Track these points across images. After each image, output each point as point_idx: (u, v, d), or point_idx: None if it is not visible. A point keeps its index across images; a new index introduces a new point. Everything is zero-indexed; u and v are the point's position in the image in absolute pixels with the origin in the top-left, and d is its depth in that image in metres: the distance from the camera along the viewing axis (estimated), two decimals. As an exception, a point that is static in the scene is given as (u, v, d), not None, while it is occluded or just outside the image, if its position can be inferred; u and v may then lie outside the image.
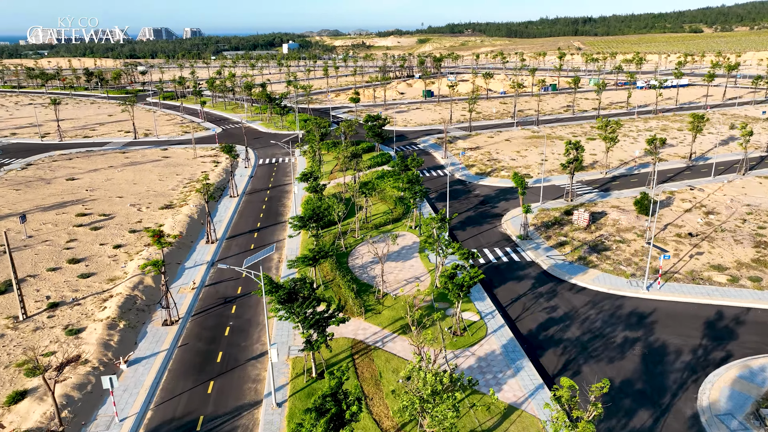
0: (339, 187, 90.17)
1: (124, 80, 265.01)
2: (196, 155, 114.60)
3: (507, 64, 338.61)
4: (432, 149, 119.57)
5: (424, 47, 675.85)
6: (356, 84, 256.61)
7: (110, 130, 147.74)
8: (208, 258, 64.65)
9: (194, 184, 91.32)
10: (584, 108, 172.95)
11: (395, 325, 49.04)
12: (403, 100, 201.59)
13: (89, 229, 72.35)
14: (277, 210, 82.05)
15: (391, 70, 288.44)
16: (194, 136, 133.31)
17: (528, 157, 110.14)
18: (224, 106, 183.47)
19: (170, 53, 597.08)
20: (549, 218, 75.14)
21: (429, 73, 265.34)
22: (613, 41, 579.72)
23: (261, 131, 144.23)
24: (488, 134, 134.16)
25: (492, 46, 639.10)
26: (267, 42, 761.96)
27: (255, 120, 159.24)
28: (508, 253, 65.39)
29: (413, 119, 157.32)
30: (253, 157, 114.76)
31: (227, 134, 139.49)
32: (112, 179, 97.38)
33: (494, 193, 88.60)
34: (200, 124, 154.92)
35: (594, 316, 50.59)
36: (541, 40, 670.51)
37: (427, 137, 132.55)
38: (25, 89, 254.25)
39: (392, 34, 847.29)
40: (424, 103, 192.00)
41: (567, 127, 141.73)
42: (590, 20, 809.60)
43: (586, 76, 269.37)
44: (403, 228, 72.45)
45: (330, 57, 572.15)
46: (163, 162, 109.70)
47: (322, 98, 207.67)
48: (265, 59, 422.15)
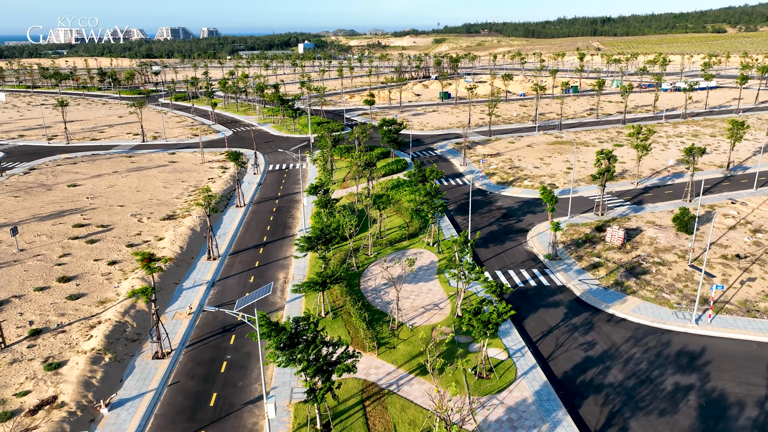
0: (351, 197, 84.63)
1: (139, 80, 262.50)
2: (203, 160, 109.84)
3: (525, 65, 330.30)
4: (450, 155, 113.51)
5: (440, 47, 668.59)
6: (371, 85, 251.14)
7: (119, 132, 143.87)
8: (208, 277, 59.47)
9: (199, 192, 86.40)
10: (608, 111, 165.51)
11: (412, 363, 43.34)
12: (420, 102, 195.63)
13: (85, 242, 67.65)
14: (285, 222, 76.71)
15: (406, 71, 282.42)
16: (202, 139, 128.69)
17: (552, 164, 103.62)
18: (236, 108, 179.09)
19: (186, 53, 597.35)
20: (579, 235, 68.84)
21: (446, 74, 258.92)
22: (634, 42, 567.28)
23: (272, 134, 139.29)
24: (509, 139, 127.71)
25: (509, 46, 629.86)
26: (283, 42, 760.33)
27: (267, 122, 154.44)
28: (535, 275, 59.29)
29: (430, 122, 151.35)
30: (263, 163, 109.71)
31: (238, 138, 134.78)
32: (115, 186, 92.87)
33: (517, 205, 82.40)
34: (211, 126, 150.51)
35: (638, 356, 44.41)
36: (559, 40, 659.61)
37: (445, 142, 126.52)
38: (39, 89, 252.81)
39: (408, 34, 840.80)
40: (441, 106, 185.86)
41: (591, 132, 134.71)
42: (609, 20, 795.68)
43: (607, 77, 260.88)
44: (420, 245, 66.66)
45: (345, 57, 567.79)
46: (170, 167, 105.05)
47: (336, 99, 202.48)
48: (279, 59, 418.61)
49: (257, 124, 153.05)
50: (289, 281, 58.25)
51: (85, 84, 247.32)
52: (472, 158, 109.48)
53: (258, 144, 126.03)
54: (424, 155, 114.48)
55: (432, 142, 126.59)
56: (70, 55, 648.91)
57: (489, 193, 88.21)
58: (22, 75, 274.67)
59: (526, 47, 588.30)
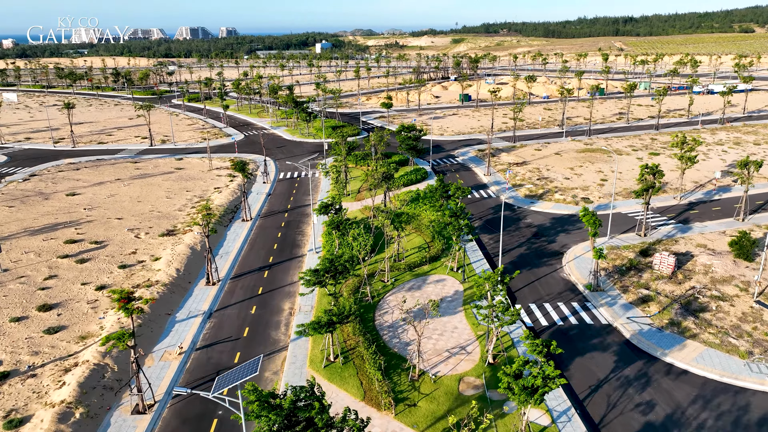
0: (366, 211, 77.54)
1: (153, 80, 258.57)
2: (211, 167, 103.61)
3: (547, 65, 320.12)
4: (472, 164, 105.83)
5: (458, 47, 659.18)
6: (388, 86, 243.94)
7: (127, 135, 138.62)
8: (205, 306, 52.83)
9: (201, 208, 79.98)
10: (638, 116, 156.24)
11: (436, 428, 36.13)
12: (439, 105, 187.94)
13: (74, 262, 61.55)
14: (294, 239, 69.88)
15: (425, 72, 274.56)
16: (211, 144, 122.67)
17: (584, 175, 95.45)
18: (249, 110, 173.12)
19: (204, 53, 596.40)
20: (622, 260, 60.94)
21: (466, 75, 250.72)
22: (657, 42, 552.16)
23: (285, 139, 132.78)
24: (535, 146, 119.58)
25: (529, 46, 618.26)
26: (300, 41, 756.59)
27: (280, 125, 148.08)
28: (576, 311, 51.64)
29: (450, 127, 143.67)
30: (273, 170, 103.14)
31: (249, 142, 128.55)
32: (115, 195, 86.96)
33: (549, 222, 74.59)
34: (222, 129, 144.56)
35: (710, 423, 36.66)
36: (580, 40, 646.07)
37: (467, 149, 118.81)
38: (54, 89, 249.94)
39: (426, 33, 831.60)
40: (462, 108, 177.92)
41: (623, 139, 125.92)
42: (631, 20, 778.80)
43: (633, 79, 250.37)
44: (443, 270, 59.33)
45: (362, 57, 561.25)
46: (175, 175, 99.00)
47: (353, 101, 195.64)
48: (296, 59, 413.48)
49: (270, 127, 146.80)
50: (296, 313, 51.39)
51: (99, 84, 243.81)
52: (497, 167, 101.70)
53: (269, 149, 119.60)
54: (445, 163, 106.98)
55: (453, 149, 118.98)
56: (91, 55, 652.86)
57: (517, 208, 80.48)
58: (38, 75, 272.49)
59: (546, 47, 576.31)
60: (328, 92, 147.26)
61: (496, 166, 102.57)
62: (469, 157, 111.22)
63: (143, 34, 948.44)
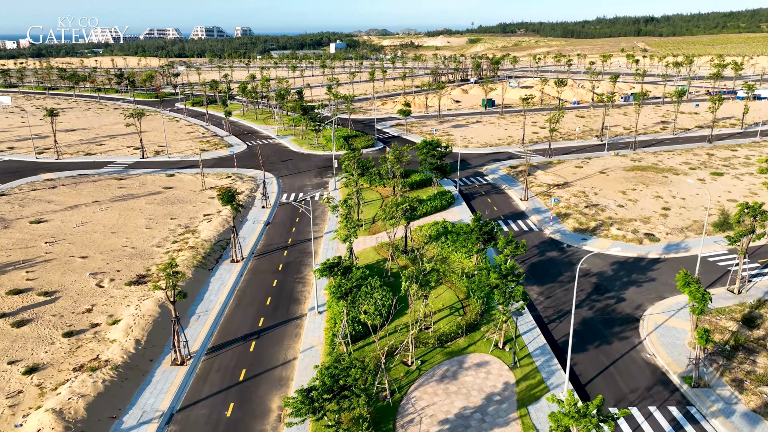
0: (383, 250, 63.02)
1: (158, 82, 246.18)
2: (204, 186, 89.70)
3: (572, 66, 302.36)
4: (505, 184, 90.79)
5: (475, 47, 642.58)
6: (405, 89, 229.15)
7: (120, 144, 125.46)
8: (165, 404, 38.68)
9: (188, 238, 66.01)
10: (684, 125, 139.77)
11: None
12: (460, 110, 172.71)
13: (10, 325, 47.84)
14: (293, 291, 55.57)
15: (443, 74, 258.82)
16: (206, 157, 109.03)
17: (640, 201, 79.96)
18: (255, 116, 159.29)
19: (218, 53, 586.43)
20: (721, 333, 45.73)
21: (488, 77, 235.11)
22: (682, 42, 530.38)
23: (291, 151, 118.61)
24: (574, 162, 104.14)
25: (548, 46, 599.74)
26: (314, 41, 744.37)
27: (287, 134, 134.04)
28: (679, 423, 36.60)
29: (475, 137, 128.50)
30: (276, 191, 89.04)
31: (252, 154, 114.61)
32: (88, 223, 73.35)
33: (610, 267, 59.51)
34: (223, 138, 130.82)
35: None
36: (600, 40, 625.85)
37: (496, 164, 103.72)
38: (56, 91, 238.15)
39: (441, 33, 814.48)
40: (485, 115, 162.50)
41: (674, 154, 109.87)
42: (652, 20, 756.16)
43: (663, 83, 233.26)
44: (485, 347, 44.60)
45: (377, 57, 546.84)
46: (162, 196, 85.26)
47: (367, 106, 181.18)
48: (309, 59, 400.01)
49: (276, 136, 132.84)
50: (285, 417, 37.05)
51: (102, 86, 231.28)
52: (534, 188, 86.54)
53: (272, 164, 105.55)
54: (473, 183, 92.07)
55: (480, 164, 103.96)
56: (106, 54, 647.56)
57: (566, 247, 65.42)
58: (41, 75, 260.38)
59: (566, 48, 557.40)
60: (341, 97, 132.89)
61: (532, 186, 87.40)
62: (501, 175, 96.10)
63: (159, 34, 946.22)
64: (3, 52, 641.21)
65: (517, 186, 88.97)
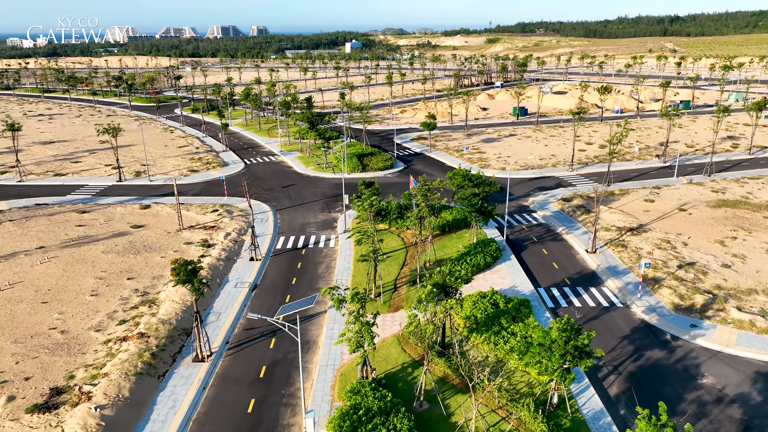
0: (410, 345, 43.63)
1: (160, 85, 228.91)
2: (181, 226, 70.86)
3: (603, 68, 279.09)
4: (560, 225, 70.81)
5: (494, 47, 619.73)
6: (425, 93, 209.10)
7: (98, 161, 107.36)
8: None
9: (142, 315, 47.04)
10: (758, 143, 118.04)
11: None
12: (488, 120, 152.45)
13: None
14: (280, 417, 36.53)
15: (465, 76, 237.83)
16: (193, 179, 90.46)
17: (750, 258, 59.46)
18: (258, 126, 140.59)
19: (231, 52, 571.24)
20: None
21: (521, 82, 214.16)
22: (713, 42, 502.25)
23: (296, 172, 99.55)
24: (641, 192, 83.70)
25: (570, 46, 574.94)
26: (330, 41, 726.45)
27: (292, 150, 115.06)
28: None
29: (512, 155, 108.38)
30: (271, 230, 70.08)
31: (250, 175, 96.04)
32: (15, 285, 54.92)
33: (749, 383, 39.49)
34: (219, 155, 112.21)
35: None
36: (624, 40, 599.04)
37: (543, 194, 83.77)
38: (52, 94, 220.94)
39: (459, 33, 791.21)
40: (518, 126, 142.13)
41: (764, 183, 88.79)
42: (677, 19, 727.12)
43: (719, 88, 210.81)
44: None
45: (394, 57, 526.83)
46: (127, 240, 66.72)
47: (384, 114, 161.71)
48: (323, 60, 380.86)
49: (279, 152, 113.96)
50: None
51: (101, 88, 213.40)
52: (599, 231, 66.44)
53: (272, 190, 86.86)
54: (520, 224, 72.24)
55: (524, 195, 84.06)
56: (119, 54, 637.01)
57: (669, 340, 45.46)
58: (39, 76, 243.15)
59: (589, 48, 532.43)
60: (354, 107, 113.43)
61: (587, 223, 67.27)
62: (553, 212, 76.05)
63: (175, 33, 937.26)
64: (17, 51, 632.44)
65: (576, 228, 68.99)
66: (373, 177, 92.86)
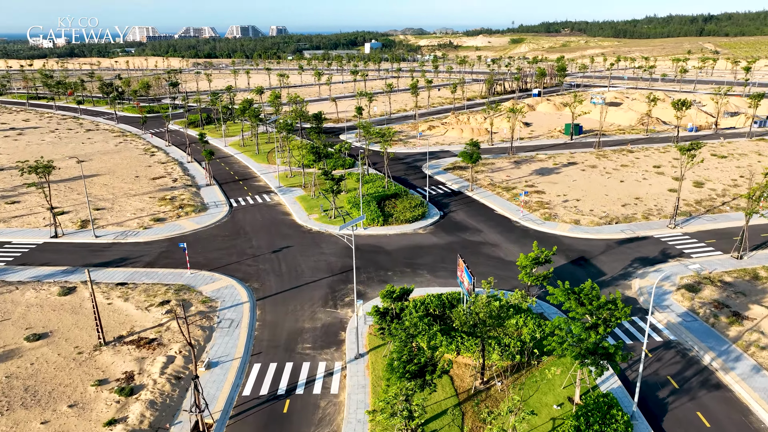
0: None
1: (159, 90, 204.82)
2: (101, 340, 44.84)
3: (652, 72, 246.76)
4: (703, 347, 43.17)
5: (518, 48, 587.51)
6: (455, 102, 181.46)
7: (41, 203, 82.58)
8: None
9: None
10: None
11: None
12: (536, 140, 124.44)
13: None
14: None
15: (499, 82, 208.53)
16: (132, 239, 64.38)
17: None
18: (256, 148, 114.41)
19: (249, 52, 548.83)
20: None
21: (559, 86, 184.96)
22: (756, 43, 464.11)
23: (294, 222, 72.99)
24: (797, 273, 55.57)
25: (600, 47, 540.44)
26: (349, 41, 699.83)
27: (293, 186, 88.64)
28: None
29: (583, 199, 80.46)
30: (241, 354, 43.83)
31: (234, 228, 70.10)
32: None
33: None
34: (199, 191, 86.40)
35: None
36: (658, 41, 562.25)
37: (652, 274, 55.99)
38: (38, 101, 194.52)
39: (481, 33, 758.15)
40: (575, 149, 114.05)
41: None
42: (711, 18, 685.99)
43: None
44: None
45: (415, 58, 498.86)
46: (2, 373, 41.15)
47: (409, 130, 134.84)
48: (340, 61, 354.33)
49: (276, 188, 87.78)
50: None
51: (90, 95, 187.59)
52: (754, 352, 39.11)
53: (256, 256, 60.71)
54: (636, 344, 44.89)
55: (620, 275, 56.39)
56: (137, 54, 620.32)
57: None
58: (27, 81, 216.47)
59: (621, 49, 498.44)
60: (374, 133, 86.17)
61: (750, 349, 39.77)
62: (680, 316, 48.12)
63: (195, 33, 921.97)
64: (36, 52, 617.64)
65: (734, 355, 41.42)
66: (400, 233, 66.42)
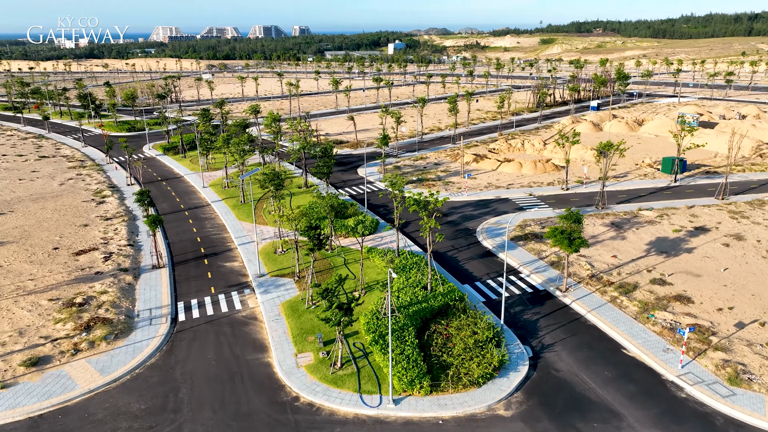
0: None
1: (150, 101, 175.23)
2: None
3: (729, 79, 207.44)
4: None
5: (550, 49, 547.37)
6: (502, 118, 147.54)
7: None
8: None
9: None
10: None
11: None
12: (625, 181, 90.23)
13: None
14: None
15: (548, 91, 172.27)
16: None
17: None
18: (242, 195, 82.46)
19: (269, 53, 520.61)
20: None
21: (621, 97, 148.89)
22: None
23: (272, 384, 40.55)
24: None
25: (639, 48, 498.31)
26: (372, 41, 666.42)
27: (284, 275, 56.48)
28: None
29: (762, 321, 46.88)
30: None
31: (159, 389, 38.59)
32: None
33: None
34: (134, 284, 54.66)
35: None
36: (702, 41, 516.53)
37: None
38: (9, 113, 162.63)
39: (509, 33, 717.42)
40: (688, 199, 79.69)
41: None
42: (757, 17, 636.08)
43: None
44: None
45: (441, 59, 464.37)
46: None
47: (449, 162, 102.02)
48: (361, 64, 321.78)
49: (257, 277, 55.78)
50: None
51: (66, 105, 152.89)
52: None
53: None
54: None
55: None
56: (157, 55, 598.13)
57: None
58: (9, 87, 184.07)
59: (662, 50, 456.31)
60: (411, 202, 52.89)
61: None
62: None
63: (218, 33, 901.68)
64: (55, 53, 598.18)
65: None
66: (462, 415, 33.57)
